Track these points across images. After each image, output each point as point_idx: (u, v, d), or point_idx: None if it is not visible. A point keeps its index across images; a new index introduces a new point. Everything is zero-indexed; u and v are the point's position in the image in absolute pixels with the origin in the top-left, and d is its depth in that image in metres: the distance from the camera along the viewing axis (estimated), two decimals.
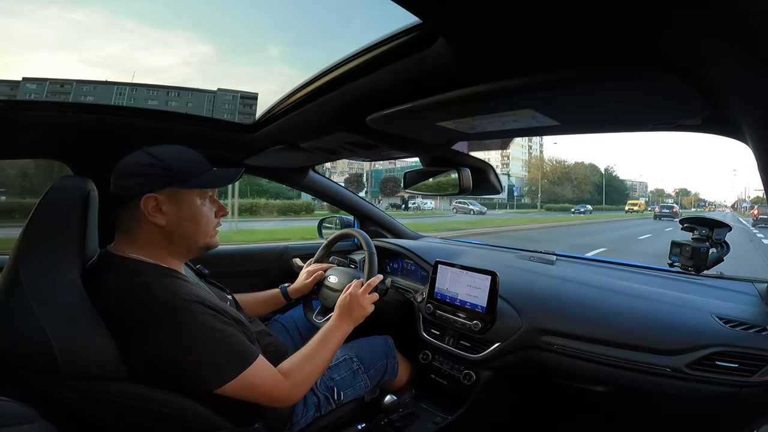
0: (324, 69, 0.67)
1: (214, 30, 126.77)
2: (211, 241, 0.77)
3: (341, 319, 0.90)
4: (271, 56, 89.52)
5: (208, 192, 0.76)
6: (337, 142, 0.95)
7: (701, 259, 0.99)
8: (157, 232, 0.71)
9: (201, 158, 0.75)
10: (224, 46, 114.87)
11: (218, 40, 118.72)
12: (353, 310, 0.91)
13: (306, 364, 0.77)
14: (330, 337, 0.85)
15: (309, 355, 0.79)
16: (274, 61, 59.43)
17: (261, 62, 79.88)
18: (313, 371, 0.78)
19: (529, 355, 0.96)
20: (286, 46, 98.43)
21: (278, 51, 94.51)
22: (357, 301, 0.92)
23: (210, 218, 0.76)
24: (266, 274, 1.55)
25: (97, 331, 0.61)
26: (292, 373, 0.74)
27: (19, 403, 0.56)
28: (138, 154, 0.71)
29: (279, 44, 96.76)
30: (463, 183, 0.89)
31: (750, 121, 0.49)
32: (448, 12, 0.39)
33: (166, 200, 0.70)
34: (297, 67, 34.92)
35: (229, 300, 0.91)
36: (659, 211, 24.88)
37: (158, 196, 0.69)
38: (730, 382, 0.74)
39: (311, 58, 69.09)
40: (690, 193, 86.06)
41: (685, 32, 0.35)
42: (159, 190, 0.69)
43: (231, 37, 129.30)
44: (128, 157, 0.71)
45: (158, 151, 0.71)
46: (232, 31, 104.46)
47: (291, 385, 0.73)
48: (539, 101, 0.54)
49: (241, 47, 31.12)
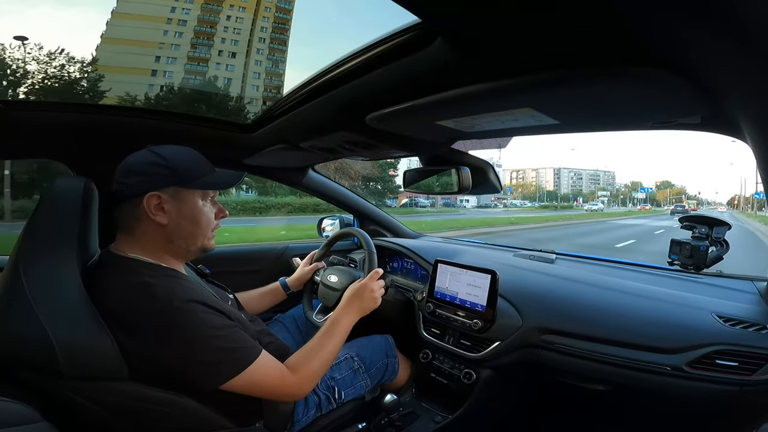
0: (323, 68, 0.67)
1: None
2: (209, 243, 0.77)
3: (350, 307, 0.90)
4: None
5: (209, 193, 0.76)
6: (337, 141, 0.95)
7: (701, 257, 0.99)
8: (158, 231, 0.71)
9: (204, 160, 0.76)
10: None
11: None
12: (364, 299, 0.93)
13: (313, 358, 0.78)
14: (336, 327, 0.85)
15: (315, 348, 0.80)
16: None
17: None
18: (321, 364, 0.79)
19: (529, 354, 0.96)
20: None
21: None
22: (370, 289, 0.94)
23: (210, 219, 0.76)
24: (266, 274, 1.55)
25: (97, 331, 0.61)
26: (299, 367, 0.75)
27: (19, 403, 0.56)
28: (143, 153, 0.71)
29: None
30: (462, 182, 0.89)
31: (749, 119, 0.49)
32: (448, 11, 0.39)
33: (169, 199, 0.70)
34: (295, 67, 34.96)
35: (230, 299, 0.92)
36: (674, 208, 37.81)
37: (161, 194, 0.69)
38: (730, 381, 0.74)
39: (309, 58, 68.67)
40: (673, 186, 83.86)
41: (685, 31, 0.35)
42: (162, 188, 0.69)
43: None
44: (133, 156, 0.72)
45: (163, 151, 0.71)
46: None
47: (299, 379, 0.74)
48: (538, 100, 0.54)
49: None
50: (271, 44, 4.98)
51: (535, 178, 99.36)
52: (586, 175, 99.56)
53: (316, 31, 74.24)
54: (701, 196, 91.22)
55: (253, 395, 0.70)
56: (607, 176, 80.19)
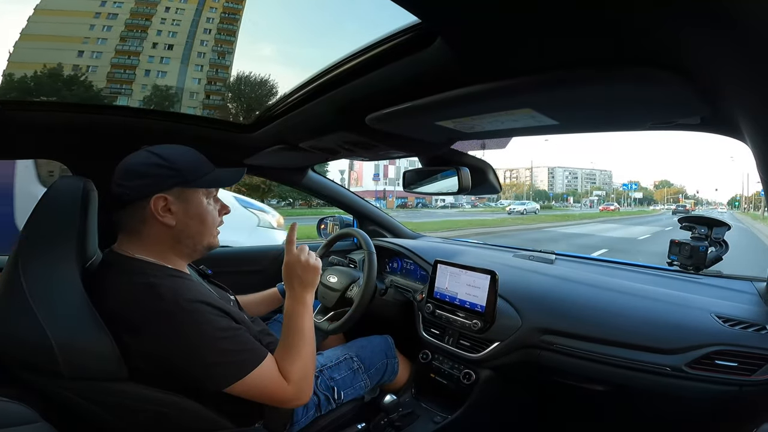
0: (323, 69, 0.67)
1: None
2: (215, 240, 0.77)
3: (296, 292, 0.79)
4: (264, 56, 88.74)
5: (212, 191, 0.76)
6: (337, 141, 0.95)
7: (700, 258, 1.00)
8: (165, 233, 0.70)
9: (203, 158, 0.75)
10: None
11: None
12: (302, 274, 0.80)
13: (293, 361, 0.72)
14: (299, 322, 0.77)
15: (290, 352, 0.74)
16: (267, 60, 59.27)
17: (254, 61, 79.09)
18: (304, 366, 0.73)
19: (528, 354, 0.96)
20: (281, 45, 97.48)
21: (271, 50, 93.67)
22: (300, 262, 0.80)
23: (215, 217, 0.76)
24: (265, 274, 1.55)
25: (97, 332, 0.61)
26: (288, 373, 0.71)
27: (19, 403, 0.56)
28: (142, 154, 0.70)
29: (272, 43, 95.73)
30: (462, 182, 0.89)
31: (749, 119, 0.49)
32: (448, 11, 0.39)
33: (175, 200, 0.70)
34: (293, 67, 34.87)
35: (232, 300, 0.92)
36: (676, 209, 35.12)
37: (167, 196, 0.69)
38: (729, 381, 0.74)
39: (308, 58, 68.79)
40: (672, 185, 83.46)
41: (684, 32, 0.35)
42: (167, 190, 0.69)
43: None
44: (131, 158, 0.70)
45: (163, 151, 0.71)
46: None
47: (291, 386, 0.71)
48: (538, 101, 0.54)
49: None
50: (218, 35, 4.87)
51: (529, 177, 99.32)
52: (581, 175, 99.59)
53: (315, 31, 74.21)
54: (699, 195, 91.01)
55: (255, 400, 0.69)
56: (604, 175, 79.83)
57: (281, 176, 1.54)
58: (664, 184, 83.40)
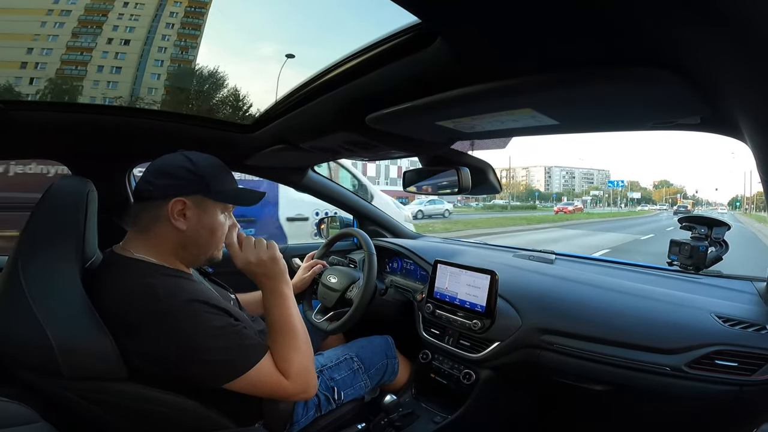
0: (323, 68, 0.67)
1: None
2: (218, 254, 0.78)
3: (267, 287, 0.77)
4: (264, 55, 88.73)
5: (229, 207, 0.76)
6: (337, 141, 0.95)
7: (700, 258, 1.00)
8: (174, 235, 0.71)
9: (230, 174, 0.76)
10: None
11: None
12: (262, 269, 0.76)
13: (289, 356, 0.72)
14: (283, 314, 0.75)
15: (282, 347, 0.73)
16: (268, 59, 58.99)
17: (253, 60, 78.99)
18: (301, 357, 0.73)
19: (528, 354, 0.96)
20: (281, 44, 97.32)
21: (272, 50, 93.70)
22: (251, 263, 0.76)
23: (224, 232, 0.76)
24: None
25: (97, 332, 0.61)
26: (287, 370, 0.71)
27: (19, 403, 0.56)
28: (176, 156, 0.72)
29: (273, 42, 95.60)
30: (462, 182, 0.89)
31: (749, 120, 0.49)
32: (448, 11, 0.39)
33: (192, 206, 0.70)
34: (293, 67, 34.96)
35: (232, 299, 0.92)
36: (677, 209, 37.26)
37: (186, 200, 0.69)
38: (729, 381, 0.74)
39: (308, 58, 68.73)
40: (671, 185, 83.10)
41: (684, 32, 0.35)
42: (188, 195, 0.69)
43: (223, 34, 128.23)
44: (166, 157, 0.72)
45: (196, 157, 0.72)
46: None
47: (292, 379, 0.71)
48: (539, 101, 0.54)
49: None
50: (182, 29, 4.70)
51: (526, 176, 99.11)
52: (579, 174, 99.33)
53: (314, 31, 74.24)
54: (699, 195, 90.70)
55: (257, 395, 0.69)
56: (602, 175, 79.55)
57: (281, 176, 1.54)
58: (664, 184, 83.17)
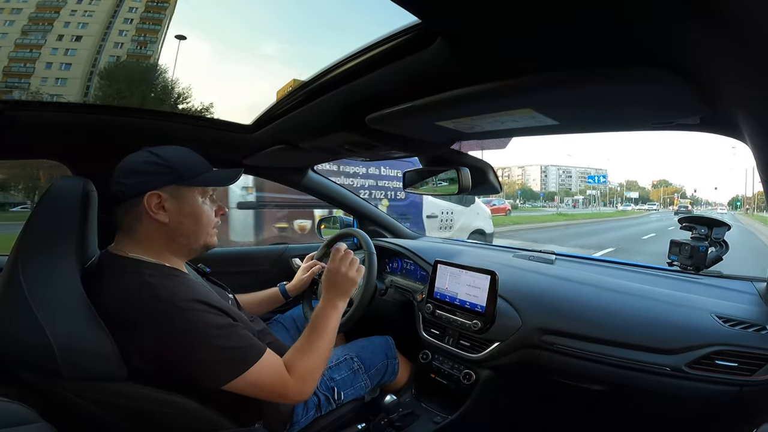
0: (323, 69, 0.67)
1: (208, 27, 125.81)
2: (211, 240, 0.78)
3: (331, 297, 0.85)
4: (266, 54, 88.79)
5: (208, 191, 0.77)
6: (337, 142, 0.95)
7: (700, 258, 1.00)
8: (159, 230, 0.71)
9: (201, 158, 0.76)
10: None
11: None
12: (339, 283, 0.86)
13: (306, 355, 0.75)
14: (326, 322, 0.81)
15: (306, 345, 0.76)
16: (269, 59, 58.14)
17: (255, 60, 79.07)
18: (316, 361, 0.75)
19: (528, 355, 0.96)
20: (282, 44, 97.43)
21: (273, 49, 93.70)
22: (340, 273, 0.87)
23: (210, 217, 0.77)
24: (266, 274, 1.55)
25: (96, 332, 0.61)
26: (294, 366, 0.73)
27: (19, 403, 0.56)
28: (141, 154, 0.72)
29: (275, 42, 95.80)
30: (462, 182, 0.89)
31: (749, 120, 0.49)
32: (448, 11, 0.39)
33: (169, 198, 0.70)
34: (293, 66, 34.62)
35: (230, 299, 0.92)
36: (678, 209, 38.88)
37: (161, 193, 0.69)
38: (730, 381, 0.74)
39: (307, 58, 68.49)
40: (670, 185, 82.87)
41: (684, 31, 0.35)
42: (161, 187, 0.70)
43: (224, 34, 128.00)
44: (130, 156, 0.72)
45: (161, 151, 0.72)
46: (225, 29, 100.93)
47: (296, 380, 0.72)
48: (539, 101, 0.54)
49: (234, 45, 29.65)
50: (141, 24, 4.63)
51: (522, 176, 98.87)
52: (576, 173, 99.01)
53: (314, 31, 74.35)
54: (697, 194, 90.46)
55: (256, 396, 0.69)
56: (600, 174, 79.05)
57: (281, 176, 1.55)
58: (662, 184, 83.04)
